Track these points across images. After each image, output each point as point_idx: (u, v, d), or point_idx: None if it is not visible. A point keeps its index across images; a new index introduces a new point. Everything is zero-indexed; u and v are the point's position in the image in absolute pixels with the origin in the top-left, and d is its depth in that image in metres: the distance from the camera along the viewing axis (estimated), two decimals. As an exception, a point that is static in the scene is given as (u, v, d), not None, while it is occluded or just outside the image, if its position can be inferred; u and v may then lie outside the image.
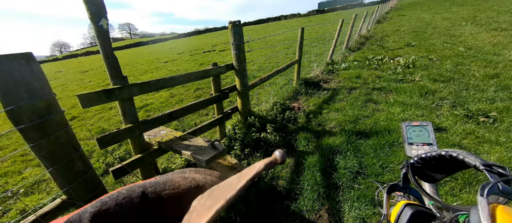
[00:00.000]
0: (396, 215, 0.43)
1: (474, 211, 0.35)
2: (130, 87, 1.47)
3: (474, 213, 0.34)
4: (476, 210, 0.34)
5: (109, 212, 0.15)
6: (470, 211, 0.34)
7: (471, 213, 0.34)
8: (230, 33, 2.29)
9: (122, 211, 0.15)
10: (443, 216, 0.40)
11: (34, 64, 1.00)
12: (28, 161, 3.05)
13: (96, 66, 15.56)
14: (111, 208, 0.15)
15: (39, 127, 1.05)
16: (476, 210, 0.35)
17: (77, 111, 5.17)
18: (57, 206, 1.22)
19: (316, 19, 29.72)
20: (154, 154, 1.77)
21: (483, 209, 0.31)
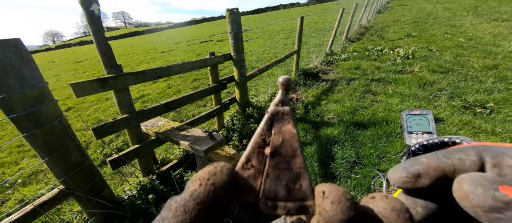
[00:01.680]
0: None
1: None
2: (125, 76, 1.43)
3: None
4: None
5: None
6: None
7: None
8: (228, 21, 2.22)
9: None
10: None
11: (23, 51, 0.96)
12: (24, 151, 3.03)
13: (91, 56, 15.22)
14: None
15: (32, 117, 1.02)
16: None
17: (72, 102, 5.09)
18: (55, 196, 1.22)
19: (316, 9, 29.11)
20: (151, 145, 1.76)
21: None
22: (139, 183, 1.67)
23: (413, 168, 0.16)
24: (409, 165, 0.16)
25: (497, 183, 0.12)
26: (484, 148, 0.14)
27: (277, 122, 0.14)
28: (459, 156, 0.15)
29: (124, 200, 1.55)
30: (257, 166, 0.14)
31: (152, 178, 1.71)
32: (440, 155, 0.15)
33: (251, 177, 0.14)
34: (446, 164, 0.15)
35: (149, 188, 1.66)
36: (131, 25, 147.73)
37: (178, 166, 2.03)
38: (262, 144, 0.15)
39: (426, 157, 0.16)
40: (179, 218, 0.12)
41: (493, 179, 0.12)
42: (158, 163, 2.12)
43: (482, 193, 0.12)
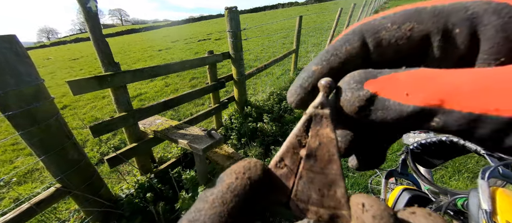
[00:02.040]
0: (394, 199, 0.44)
1: (474, 194, 0.35)
2: (123, 74, 1.42)
3: (473, 196, 0.35)
4: (476, 193, 0.35)
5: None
6: (469, 194, 0.34)
7: (470, 196, 0.35)
8: (227, 19, 2.22)
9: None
10: (440, 200, 0.41)
11: (18, 47, 0.94)
12: (19, 150, 2.99)
13: (86, 53, 15.02)
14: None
15: (28, 114, 1.01)
16: (476, 193, 0.35)
17: (68, 99, 5.03)
18: (51, 195, 1.20)
19: (314, 8, 29.15)
20: (149, 143, 1.76)
21: (484, 191, 0.32)
22: (137, 181, 1.66)
23: (307, 82, 0.15)
24: (302, 80, 0.15)
25: (363, 80, 0.12)
26: (366, 27, 0.14)
27: (315, 124, 0.14)
28: (346, 48, 0.14)
29: (122, 199, 1.54)
30: (291, 166, 0.14)
31: (150, 176, 1.70)
32: (328, 55, 0.15)
33: (283, 176, 0.14)
34: (337, 63, 0.14)
35: (147, 186, 1.65)
36: (128, 22, 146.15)
37: (176, 164, 2.02)
38: (297, 145, 0.14)
39: (315, 63, 0.15)
40: (217, 209, 0.12)
41: (360, 77, 0.12)
42: (156, 161, 2.11)
43: (351, 97, 0.12)
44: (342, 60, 0.14)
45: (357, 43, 0.14)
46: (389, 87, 0.12)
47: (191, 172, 1.75)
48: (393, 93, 0.11)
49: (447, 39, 0.12)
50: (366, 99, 0.12)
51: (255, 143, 2.36)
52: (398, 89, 0.11)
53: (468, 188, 0.49)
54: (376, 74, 0.12)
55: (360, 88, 0.12)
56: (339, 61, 0.14)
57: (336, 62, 0.14)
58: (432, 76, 0.11)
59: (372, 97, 0.12)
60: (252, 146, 2.34)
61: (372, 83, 0.12)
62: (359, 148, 0.17)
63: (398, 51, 0.13)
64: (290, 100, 0.16)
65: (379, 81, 0.12)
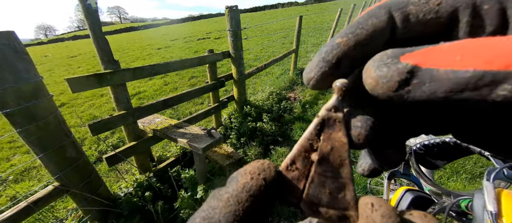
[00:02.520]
0: (397, 200, 0.44)
1: (479, 195, 0.35)
2: (123, 72, 1.41)
3: (478, 197, 0.35)
4: (481, 194, 0.35)
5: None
6: (474, 196, 0.35)
7: (475, 198, 0.35)
8: (227, 18, 2.21)
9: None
10: (443, 201, 0.41)
11: (17, 44, 0.93)
12: (16, 147, 2.96)
13: (85, 51, 14.91)
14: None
15: (26, 112, 1.00)
16: (480, 195, 0.35)
17: (66, 97, 4.99)
18: (49, 193, 1.19)
19: (314, 8, 29.17)
20: (149, 142, 1.75)
21: (489, 193, 0.32)
22: (135, 180, 1.65)
23: (330, 54, 0.14)
24: (325, 53, 0.14)
25: (398, 55, 0.11)
26: (393, 1, 0.13)
27: (328, 128, 0.14)
28: (372, 21, 0.13)
29: (120, 198, 1.53)
30: (302, 169, 0.14)
31: (149, 175, 1.69)
32: (353, 28, 0.13)
33: (294, 179, 0.14)
34: (364, 36, 0.13)
35: (146, 185, 1.65)
36: (127, 20, 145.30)
37: (175, 163, 2.01)
38: (308, 148, 0.14)
39: (341, 36, 0.14)
40: (231, 207, 0.12)
41: (393, 53, 0.11)
42: (154, 160, 2.10)
43: (387, 72, 0.11)
44: (369, 33, 0.13)
45: (384, 17, 0.13)
46: (433, 56, 0.10)
47: (190, 171, 1.74)
48: (440, 61, 0.10)
49: (476, 16, 0.11)
50: (407, 71, 0.11)
51: (254, 143, 2.36)
52: (445, 57, 0.10)
53: (467, 189, 0.48)
54: (410, 49, 0.11)
55: (397, 62, 0.11)
56: (366, 34, 0.13)
57: (362, 35, 0.13)
58: (484, 43, 0.09)
59: (414, 69, 0.10)
60: (251, 145, 2.34)
61: (410, 56, 0.11)
62: (379, 140, 0.15)
63: (425, 28, 0.12)
64: (309, 76, 0.15)
65: (418, 53, 0.11)
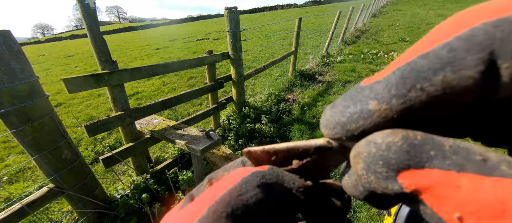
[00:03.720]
0: (397, 207, 0.44)
1: None
2: (121, 72, 1.40)
3: None
4: None
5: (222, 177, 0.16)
6: None
7: None
8: (226, 19, 2.21)
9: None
10: None
11: (12, 43, 0.92)
12: (10, 148, 2.92)
13: (82, 50, 14.79)
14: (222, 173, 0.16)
15: (21, 112, 0.98)
16: None
17: (62, 97, 4.94)
18: (44, 195, 1.17)
19: (313, 10, 29.35)
20: (146, 143, 1.73)
21: None
22: (132, 182, 1.63)
23: (355, 124, 0.10)
24: (348, 117, 0.10)
25: (400, 165, 0.08)
26: (502, 36, 0.07)
27: (325, 153, 0.14)
28: (444, 79, 0.08)
29: (117, 200, 1.51)
30: (279, 162, 0.16)
31: (146, 177, 1.67)
32: (404, 87, 0.09)
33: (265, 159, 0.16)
34: (419, 102, 0.08)
35: (143, 187, 1.63)
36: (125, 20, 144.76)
37: (172, 165, 1.99)
38: (297, 154, 0.15)
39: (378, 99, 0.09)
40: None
41: (397, 157, 0.08)
42: (152, 162, 2.08)
43: (374, 181, 0.09)
44: (431, 100, 0.08)
45: (474, 72, 0.07)
46: (437, 194, 0.07)
47: (188, 173, 1.73)
48: (439, 204, 0.07)
49: None
50: (394, 195, 0.08)
51: (253, 144, 2.35)
52: (450, 201, 0.07)
53: None
54: (425, 159, 0.08)
55: (391, 178, 0.08)
56: (426, 99, 0.08)
57: (419, 104, 0.08)
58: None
59: (405, 195, 0.08)
60: (249, 147, 2.33)
61: (413, 175, 0.08)
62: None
63: None
64: (322, 130, 0.12)
65: (426, 175, 0.08)
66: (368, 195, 0.10)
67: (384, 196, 0.09)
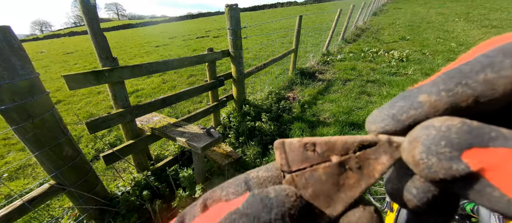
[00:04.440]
0: None
1: None
2: (121, 69, 1.39)
3: None
4: None
5: (220, 199, 0.13)
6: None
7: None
8: (227, 17, 2.19)
9: (230, 197, 0.13)
10: None
11: (12, 39, 0.91)
12: (11, 145, 2.91)
13: (81, 47, 14.71)
14: (219, 194, 0.13)
15: (22, 109, 0.98)
16: None
17: (62, 94, 4.92)
18: (45, 191, 1.17)
19: (313, 8, 29.21)
20: (147, 140, 1.73)
21: None
22: (133, 179, 1.63)
23: (405, 113, 0.10)
24: (398, 108, 0.11)
25: (463, 147, 0.08)
26: None
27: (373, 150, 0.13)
28: (485, 77, 0.09)
29: (118, 196, 1.51)
30: (314, 156, 0.14)
31: (146, 174, 1.68)
32: (451, 83, 0.10)
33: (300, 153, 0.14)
34: (465, 97, 0.09)
35: (143, 184, 1.63)
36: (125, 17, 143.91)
37: (173, 162, 2.00)
38: (337, 149, 0.14)
39: (428, 92, 0.10)
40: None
41: (459, 138, 0.08)
42: (152, 159, 2.08)
43: (435, 165, 0.09)
44: (476, 95, 0.09)
45: (510, 72, 0.08)
46: (504, 170, 0.07)
47: (188, 170, 1.73)
48: (506, 182, 0.07)
49: None
50: (461, 175, 0.08)
51: (253, 142, 2.36)
52: None
53: None
54: (487, 139, 0.08)
55: (455, 158, 0.08)
56: (471, 95, 0.09)
57: (464, 97, 0.09)
58: None
59: (472, 176, 0.08)
60: (250, 145, 2.33)
61: (478, 154, 0.08)
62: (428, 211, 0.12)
63: None
64: (369, 128, 0.12)
65: (491, 154, 0.08)
66: (423, 196, 0.11)
67: (445, 184, 0.09)
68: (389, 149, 0.11)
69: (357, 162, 0.12)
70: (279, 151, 0.14)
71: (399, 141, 0.11)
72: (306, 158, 0.13)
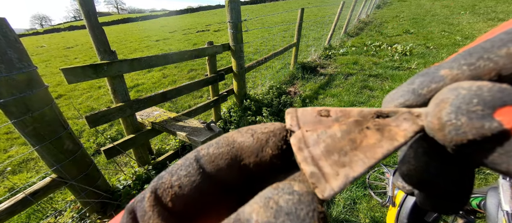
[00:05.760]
0: (402, 197, 0.43)
1: (493, 193, 0.34)
2: (120, 63, 1.37)
3: (492, 195, 0.34)
4: (496, 193, 0.33)
5: (171, 185, 0.12)
6: (487, 194, 0.33)
7: (488, 196, 0.34)
8: (227, 9, 2.15)
9: (183, 180, 0.12)
10: None
11: (8, 31, 0.89)
12: (13, 139, 2.94)
13: (81, 42, 14.64)
14: (169, 180, 0.12)
15: (20, 103, 0.97)
16: (495, 193, 0.34)
17: (63, 89, 4.93)
18: (47, 185, 1.18)
19: (315, 1, 28.68)
20: (147, 135, 1.73)
21: (505, 191, 0.30)
22: (134, 173, 1.64)
23: (427, 88, 0.10)
24: (419, 84, 0.11)
25: (497, 104, 0.08)
26: None
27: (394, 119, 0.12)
28: (508, 51, 0.09)
29: (119, 190, 1.53)
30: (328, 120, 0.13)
31: (147, 168, 1.69)
32: (472, 58, 0.09)
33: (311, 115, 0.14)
34: (487, 70, 0.09)
35: (144, 178, 1.64)
36: (124, 10, 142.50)
37: (174, 157, 2.00)
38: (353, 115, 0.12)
39: (449, 67, 0.10)
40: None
41: (492, 97, 0.08)
42: (153, 153, 2.09)
43: (465, 125, 0.08)
44: (499, 68, 0.09)
45: None
46: None
47: (189, 164, 1.74)
48: None
49: None
50: (493, 134, 0.08)
51: (254, 137, 2.35)
52: None
53: (479, 187, 0.48)
54: None
55: (487, 116, 0.08)
56: (493, 69, 0.09)
57: (487, 70, 0.09)
58: None
59: (505, 133, 0.08)
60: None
61: (510, 112, 0.08)
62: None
63: None
64: (389, 105, 0.12)
65: None
66: (441, 175, 0.10)
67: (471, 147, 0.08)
68: (411, 117, 0.11)
69: (376, 126, 0.11)
70: (291, 116, 0.13)
71: (420, 111, 0.10)
72: (319, 121, 0.12)
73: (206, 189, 0.12)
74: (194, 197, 0.12)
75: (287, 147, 0.12)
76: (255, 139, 0.13)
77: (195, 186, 0.12)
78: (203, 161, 0.12)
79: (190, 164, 0.13)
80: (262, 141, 0.13)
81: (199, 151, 0.13)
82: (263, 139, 0.13)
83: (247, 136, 0.13)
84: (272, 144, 0.12)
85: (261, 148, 0.12)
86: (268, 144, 0.12)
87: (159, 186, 0.12)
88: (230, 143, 0.13)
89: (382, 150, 0.10)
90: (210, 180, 0.12)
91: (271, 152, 0.12)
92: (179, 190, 0.12)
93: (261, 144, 0.13)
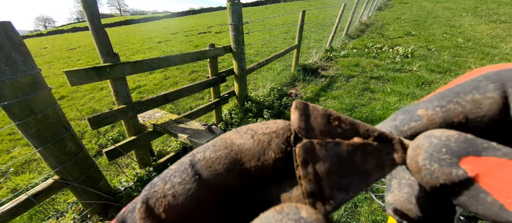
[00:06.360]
0: None
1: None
2: (123, 65, 1.39)
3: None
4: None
5: (164, 195, 0.11)
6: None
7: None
8: (229, 12, 2.17)
9: (177, 189, 0.11)
10: None
11: (13, 34, 0.91)
12: (16, 140, 2.96)
13: (84, 43, 14.77)
14: (162, 189, 0.11)
15: (24, 105, 0.98)
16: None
17: (66, 90, 4.96)
18: (49, 186, 1.19)
19: (316, 3, 28.75)
20: (148, 136, 1.74)
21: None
22: (136, 174, 1.65)
23: (407, 125, 0.12)
24: (401, 122, 0.12)
25: (461, 154, 0.09)
26: (508, 75, 0.10)
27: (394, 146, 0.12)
28: (472, 97, 0.11)
29: (121, 192, 1.53)
30: (337, 130, 0.13)
31: (149, 170, 1.69)
32: (444, 101, 0.11)
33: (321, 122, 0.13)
34: (456, 113, 0.11)
35: (146, 180, 1.65)
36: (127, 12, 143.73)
37: (175, 158, 2.01)
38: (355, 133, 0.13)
39: (425, 107, 0.12)
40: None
41: (458, 147, 0.09)
42: (155, 155, 2.10)
43: (436, 171, 0.09)
44: (465, 112, 0.10)
45: (493, 94, 0.10)
46: (496, 176, 0.08)
47: (190, 166, 1.74)
48: (497, 188, 0.08)
49: None
50: (460, 180, 0.09)
51: (255, 139, 2.35)
52: (506, 184, 0.08)
53: None
54: (480, 149, 0.09)
55: (454, 164, 0.09)
56: (461, 112, 0.11)
57: (455, 112, 0.11)
58: None
59: (469, 181, 0.09)
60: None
61: (473, 161, 0.09)
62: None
63: None
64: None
65: (484, 162, 0.09)
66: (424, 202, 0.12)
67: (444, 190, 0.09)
68: (400, 149, 0.12)
69: (375, 150, 0.11)
70: (299, 113, 0.12)
71: (408, 144, 0.12)
72: (328, 131, 0.12)
73: (203, 197, 0.11)
74: (190, 206, 0.11)
75: (291, 150, 0.11)
76: (255, 141, 0.12)
77: (190, 195, 0.11)
78: (199, 166, 0.11)
79: (184, 170, 0.12)
80: (264, 143, 0.11)
81: (195, 155, 0.12)
82: (264, 141, 0.12)
83: (247, 138, 0.12)
84: (274, 146, 0.11)
85: (262, 151, 0.11)
86: (270, 147, 0.11)
87: (151, 196, 0.11)
88: (228, 145, 0.12)
89: (375, 176, 0.11)
90: (207, 187, 0.11)
91: (274, 155, 0.11)
92: (173, 200, 0.11)
93: (262, 146, 0.11)
